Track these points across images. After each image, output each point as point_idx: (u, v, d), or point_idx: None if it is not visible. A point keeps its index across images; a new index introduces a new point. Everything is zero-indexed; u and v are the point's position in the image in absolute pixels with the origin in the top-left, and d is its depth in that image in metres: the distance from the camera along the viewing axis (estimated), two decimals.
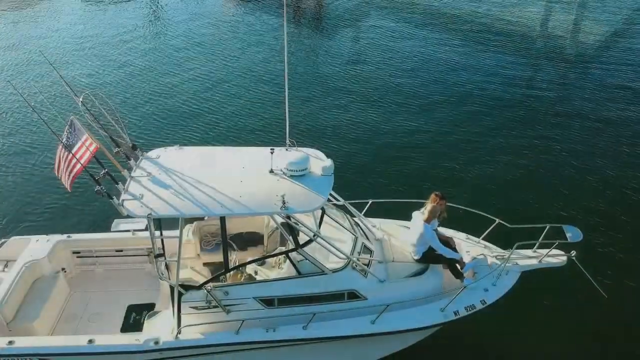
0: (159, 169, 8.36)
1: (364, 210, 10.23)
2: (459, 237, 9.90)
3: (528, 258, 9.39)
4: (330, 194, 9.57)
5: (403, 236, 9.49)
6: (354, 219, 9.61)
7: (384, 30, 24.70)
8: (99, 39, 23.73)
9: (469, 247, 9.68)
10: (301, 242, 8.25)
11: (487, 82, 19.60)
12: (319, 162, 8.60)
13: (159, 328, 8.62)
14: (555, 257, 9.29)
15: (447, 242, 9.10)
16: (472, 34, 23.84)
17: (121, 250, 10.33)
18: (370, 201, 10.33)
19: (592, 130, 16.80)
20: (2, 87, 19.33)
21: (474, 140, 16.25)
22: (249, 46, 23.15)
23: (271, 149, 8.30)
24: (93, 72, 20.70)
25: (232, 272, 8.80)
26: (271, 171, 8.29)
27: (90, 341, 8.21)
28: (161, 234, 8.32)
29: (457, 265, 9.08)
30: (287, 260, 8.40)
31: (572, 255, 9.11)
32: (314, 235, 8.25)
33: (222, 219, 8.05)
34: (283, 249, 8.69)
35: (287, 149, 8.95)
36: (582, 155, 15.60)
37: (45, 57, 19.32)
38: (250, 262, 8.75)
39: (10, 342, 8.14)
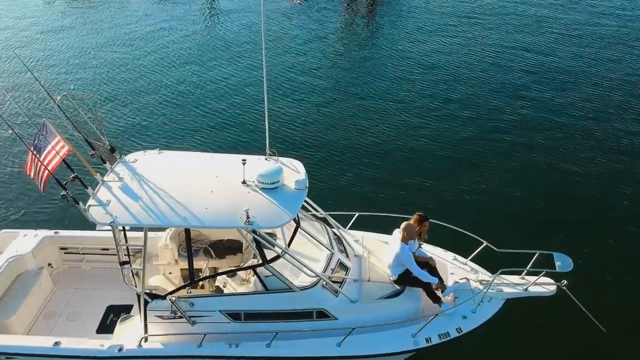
0: (132, 174, 8.27)
1: (350, 223, 9.90)
2: (446, 257, 9.44)
3: (514, 285, 8.83)
4: (311, 206, 9.28)
5: (384, 253, 9.10)
6: (334, 230, 9.29)
7: (383, 36, 23.74)
8: (81, 39, 23.54)
9: (454, 269, 9.19)
10: (272, 257, 8.01)
11: (488, 103, 18.31)
12: (295, 174, 8.31)
13: (128, 333, 8.58)
14: (543, 286, 8.71)
15: (427, 264, 8.67)
16: (486, 52, 22.14)
17: (107, 249, 10.35)
18: (357, 214, 9.97)
19: (591, 156, 15.58)
20: None
21: (471, 159, 15.35)
22: (241, 48, 22.62)
23: (243, 160, 8.06)
24: (75, 72, 20.46)
25: (203, 282, 8.68)
26: (244, 182, 8.06)
27: (56, 343, 8.25)
28: (126, 241, 8.23)
29: (438, 288, 8.64)
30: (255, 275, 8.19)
31: (563, 284, 8.50)
32: (282, 252, 7.99)
33: (187, 231, 7.91)
34: (255, 261, 8.47)
35: (266, 159, 8.72)
36: (579, 181, 14.53)
37: (21, 59, 18.82)
38: (218, 274, 8.60)
39: None
